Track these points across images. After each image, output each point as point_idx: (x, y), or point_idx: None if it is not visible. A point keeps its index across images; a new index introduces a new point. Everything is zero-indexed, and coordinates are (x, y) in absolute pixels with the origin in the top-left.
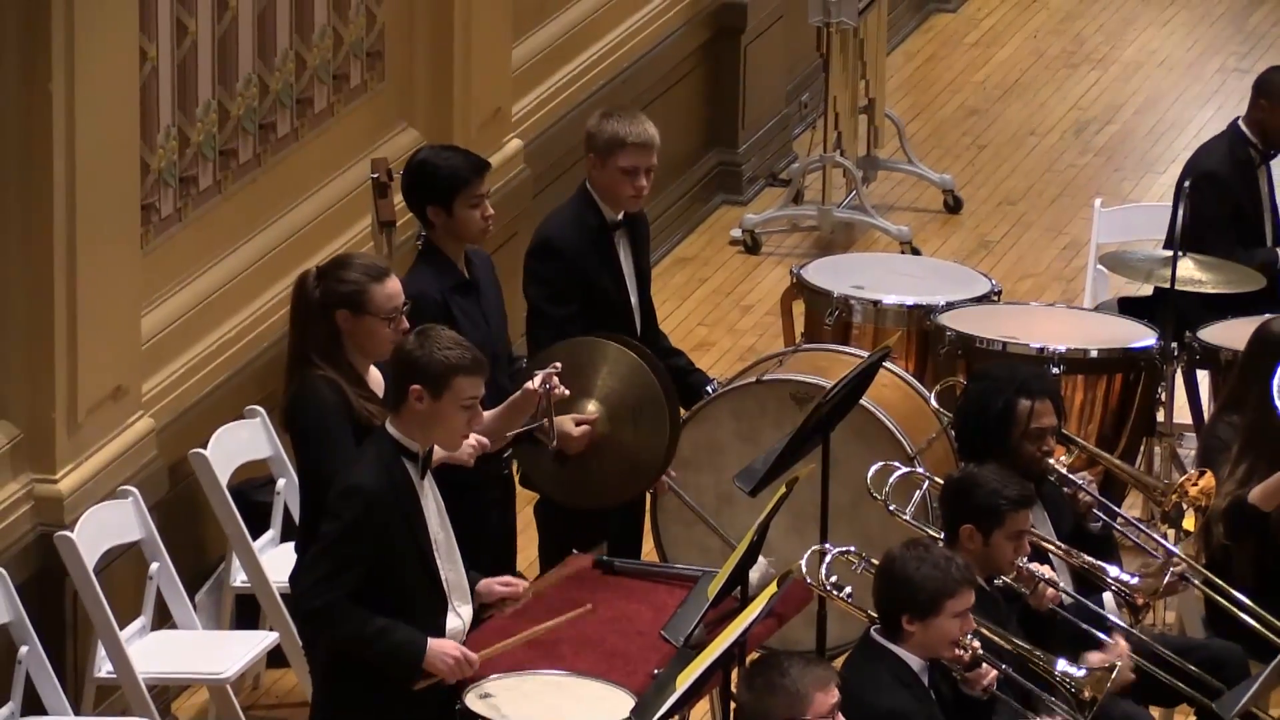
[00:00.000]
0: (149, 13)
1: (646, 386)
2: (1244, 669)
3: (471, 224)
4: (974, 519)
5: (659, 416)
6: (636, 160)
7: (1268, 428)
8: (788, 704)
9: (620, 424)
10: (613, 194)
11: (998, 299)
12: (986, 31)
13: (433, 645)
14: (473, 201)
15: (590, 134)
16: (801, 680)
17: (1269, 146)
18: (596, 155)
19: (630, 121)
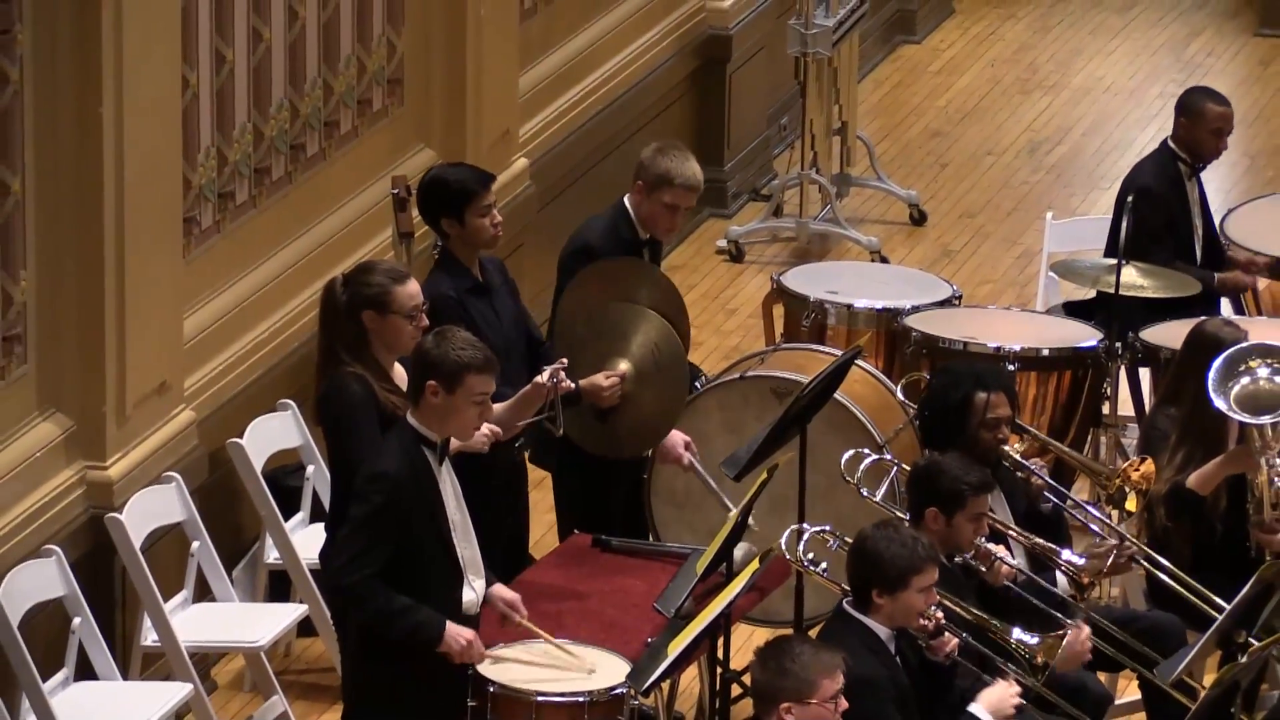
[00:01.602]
0: (190, 44)
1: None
2: (1181, 638)
3: (483, 231)
4: (938, 502)
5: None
6: (679, 200)
7: (1202, 419)
8: (796, 687)
9: (645, 385)
10: (651, 221)
11: (958, 303)
12: (948, 61)
13: (450, 629)
14: (482, 211)
15: (643, 164)
16: (811, 667)
17: (1196, 160)
18: (644, 184)
19: (682, 162)
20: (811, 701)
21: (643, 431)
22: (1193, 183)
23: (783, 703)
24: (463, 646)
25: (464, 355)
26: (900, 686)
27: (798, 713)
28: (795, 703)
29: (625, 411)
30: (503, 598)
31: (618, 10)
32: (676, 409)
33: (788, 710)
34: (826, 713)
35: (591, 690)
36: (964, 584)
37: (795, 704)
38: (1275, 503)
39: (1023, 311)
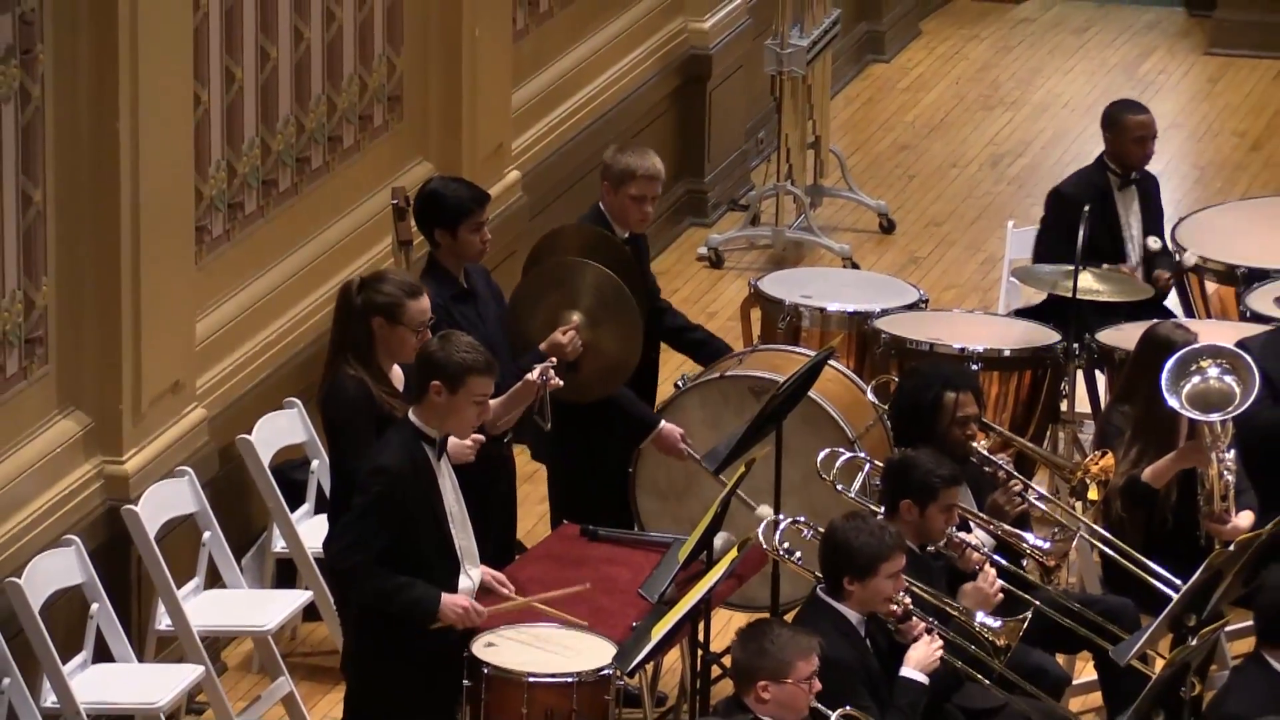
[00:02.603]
0: (201, 63)
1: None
2: (1136, 621)
3: (472, 247)
4: (912, 495)
5: (631, 317)
6: (644, 190)
7: (1156, 417)
8: (773, 667)
9: (599, 327)
10: (622, 217)
11: (925, 306)
12: (915, 79)
13: (445, 598)
14: (474, 227)
15: (606, 164)
16: (788, 648)
17: (1126, 170)
18: (610, 183)
19: (641, 156)
20: (787, 681)
21: (611, 371)
22: (1126, 192)
23: (760, 681)
24: (460, 613)
25: (467, 358)
26: (870, 669)
27: (774, 691)
28: (772, 681)
29: (589, 357)
30: (491, 574)
31: (605, 31)
32: (635, 341)
33: (764, 688)
34: (801, 693)
35: (580, 671)
36: (934, 571)
37: (772, 682)
38: (1224, 495)
39: (985, 314)
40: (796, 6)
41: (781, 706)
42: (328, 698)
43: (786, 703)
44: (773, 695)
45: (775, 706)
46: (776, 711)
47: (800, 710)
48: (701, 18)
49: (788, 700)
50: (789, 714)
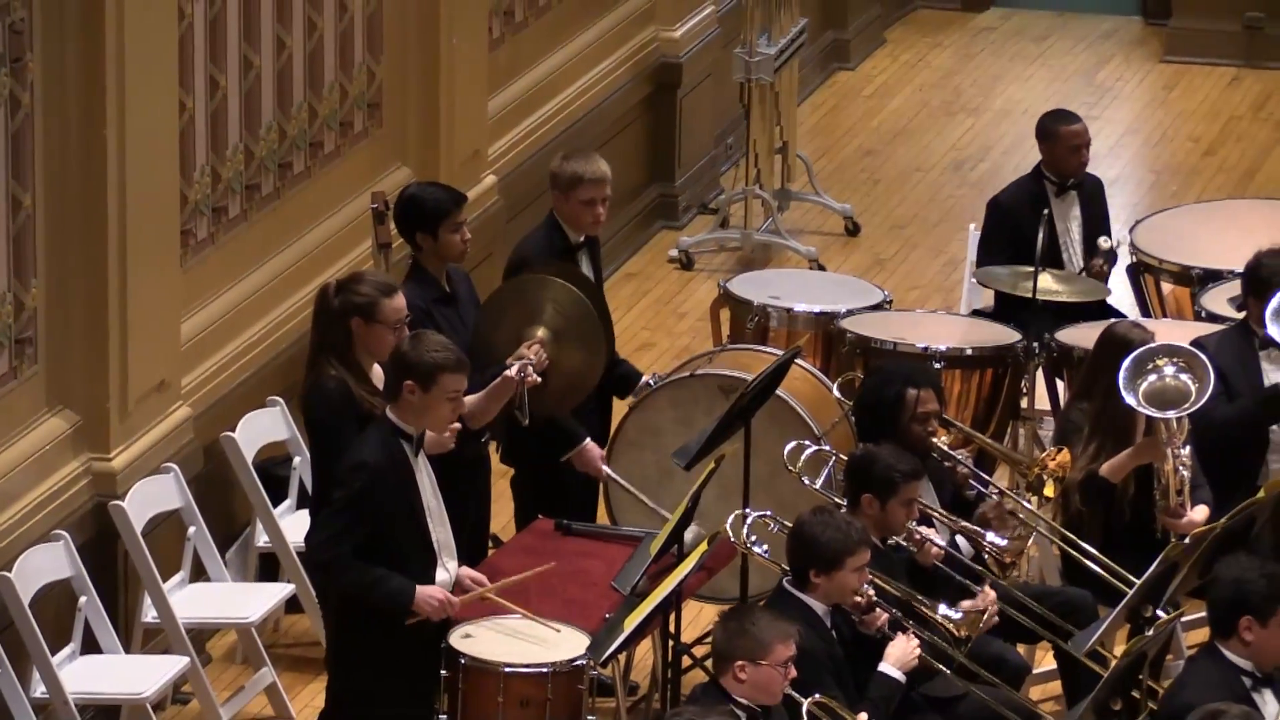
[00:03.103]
0: (186, 71)
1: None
2: (1094, 613)
3: (453, 246)
4: (873, 489)
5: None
6: (593, 194)
7: (1113, 414)
8: (752, 648)
9: (563, 344)
10: (575, 221)
11: (889, 307)
12: (880, 86)
13: (420, 590)
14: (453, 227)
15: (554, 173)
16: (768, 631)
17: (1062, 179)
18: (560, 191)
19: (587, 161)
20: (764, 663)
21: (573, 387)
22: (1064, 199)
23: (738, 661)
24: (435, 606)
25: (438, 356)
26: (836, 658)
27: (750, 672)
28: (749, 662)
29: (552, 373)
30: (469, 575)
31: (578, 40)
32: (599, 358)
33: (741, 669)
34: (777, 676)
35: (555, 661)
36: (896, 564)
37: (749, 663)
38: (1180, 489)
39: (948, 315)
40: (764, 16)
41: (757, 689)
42: (310, 688)
43: (762, 685)
44: (749, 677)
45: (751, 688)
46: (751, 694)
47: (774, 694)
48: (672, 27)
49: (764, 683)
50: (763, 696)
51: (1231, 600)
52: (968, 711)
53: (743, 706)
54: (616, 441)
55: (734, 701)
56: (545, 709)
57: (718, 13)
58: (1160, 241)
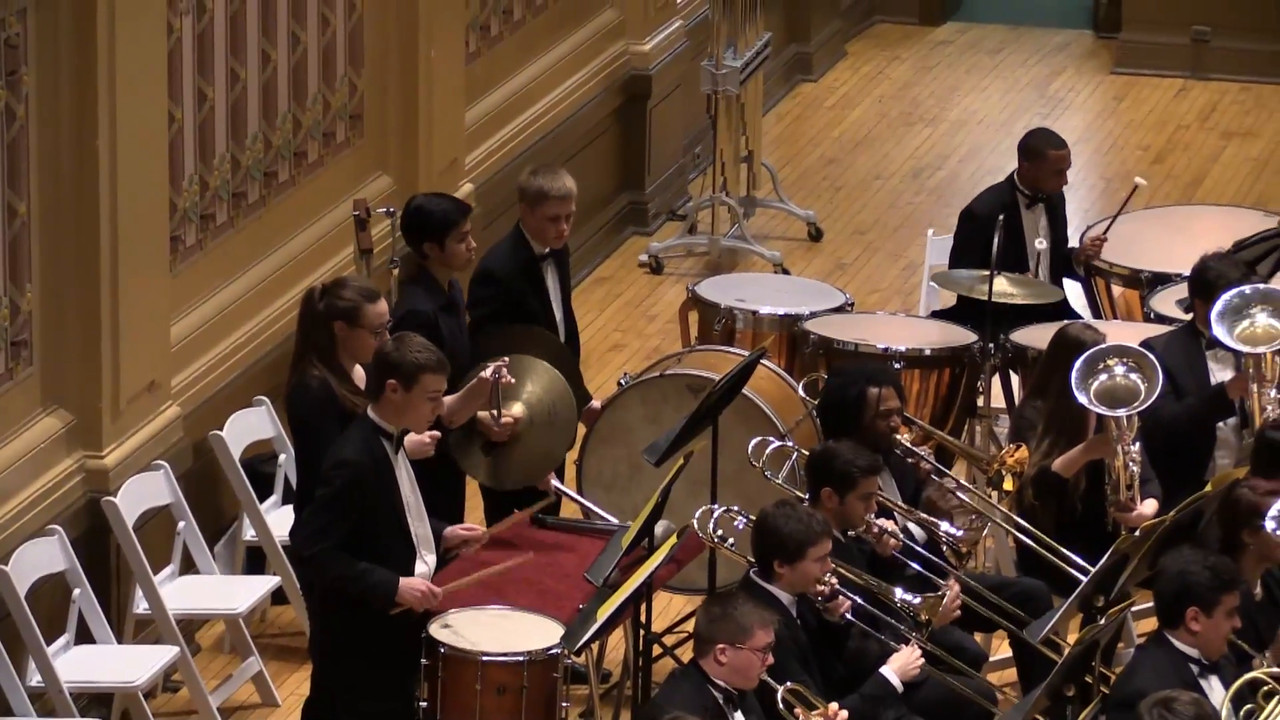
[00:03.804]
0: (175, 83)
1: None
2: (1048, 602)
3: (459, 256)
4: (832, 483)
5: (569, 425)
6: (558, 210)
7: (1066, 411)
8: (733, 631)
9: (539, 427)
10: (540, 235)
11: (851, 309)
12: (841, 97)
13: (404, 582)
14: (459, 237)
15: (521, 187)
16: (749, 616)
17: (1036, 192)
18: (527, 204)
19: (553, 178)
20: (743, 646)
21: (526, 469)
22: (1034, 210)
23: (719, 644)
24: (418, 597)
25: (420, 357)
26: (802, 645)
27: (730, 655)
28: (730, 645)
29: (513, 449)
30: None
31: (551, 53)
32: (559, 456)
33: (722, 652)
34: (755, 660)
35: (530, 650)
36: (856, 555)
37: (730, 647)
38: (1129, 484)
39: (907, 316)
40: (730, 30)
41: (735, 671)
42: (295, 676)
43: (741, 668)
44: (729, 660)
45: (730, 671)
46: (730, 676)
47: (752, 678)
48: (642, 41)
49: (742, 666)
50: (740, 679)
51: (1177, 592)
52: (929, 696)
53: (720, 688)
54: (589, 439)
55: (712, 683)
56: (521, 696)
57: (685, 27)
58: (1111, 246)
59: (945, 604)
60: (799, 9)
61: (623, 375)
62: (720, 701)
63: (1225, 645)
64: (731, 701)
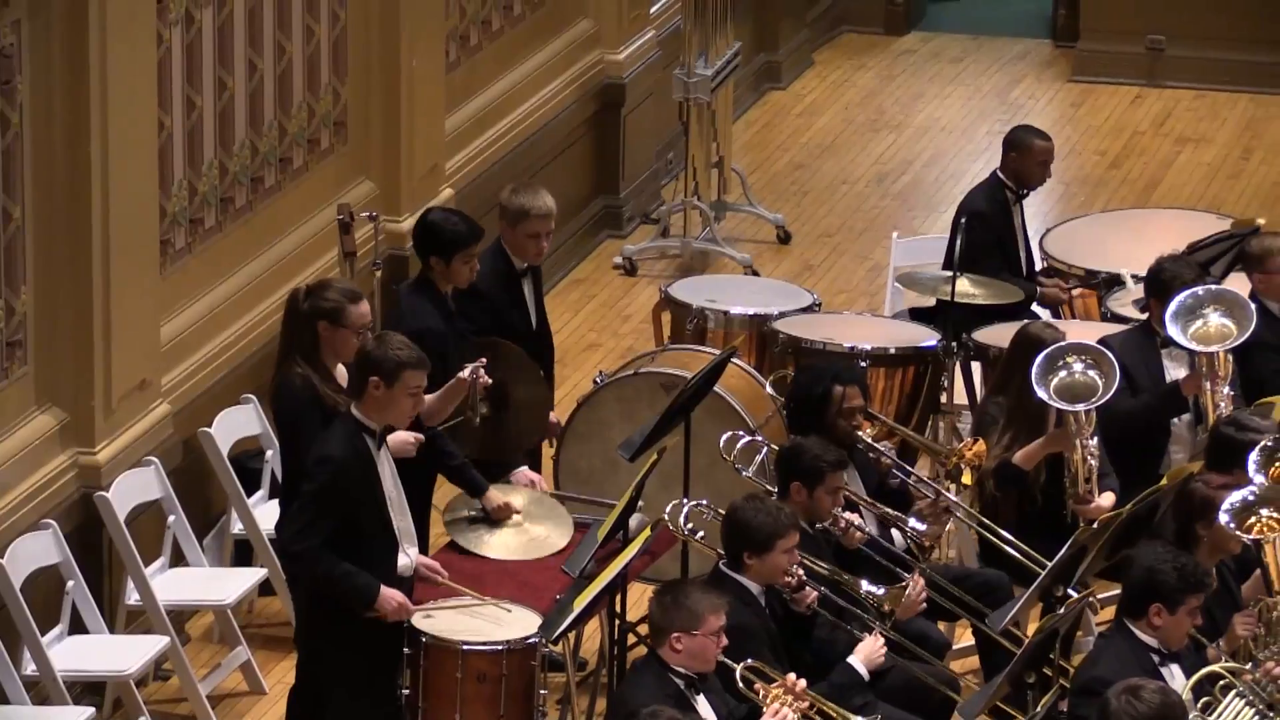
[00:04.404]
0: (165, 92)
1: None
2: (1009, 592)
3: (461, 275)
4: (801, 478)
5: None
6: (539, 228)
7: (1026, 407)
8: (686, 619)
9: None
10: (520, 251)
11: (819, 309)
12: (809, 104)
13: (384, 591)
14: (465, 259)
15: (503, 205)
16: (701, 603)
17: (1021, 188)
18: (508, 222)
19: (534, 196)
20: (698, 633)
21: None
22: (1017, 208)
23: (674, 633)
24: (394, 608)
25: (401, 354)
26: (771, 633)
27: (686, 642)
28: (684, 633)
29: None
30: (425, 564)
31: (529, 63)
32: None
33: (677, 640)
34: (710, 645)
35: (509, 639)
36: (823, 547)
37: (684, 634)
38: (1088, 478)
39: (873, 316)
40: (702, 40)
41: (693, 657)
42: (282, 665)
43: (697, 653)
44: (685, 646)
45: (687, 657)
46: (688, 662)
47: (709, 662)
48: (616, 50)
49: (698, 651)
50: (699, 664)
51: (1144, 586)
52: (894, 683)
53: (680, 674)
54: (566, 435)
55: (672, 670)
56: (501, 684)
57: (658, 37)
58: (1070, 248)
59: (911, 597)
60: (768, 19)
61: (598, 374)
62: (682, 688)
63: (1186, 638)
64: (693, 686)
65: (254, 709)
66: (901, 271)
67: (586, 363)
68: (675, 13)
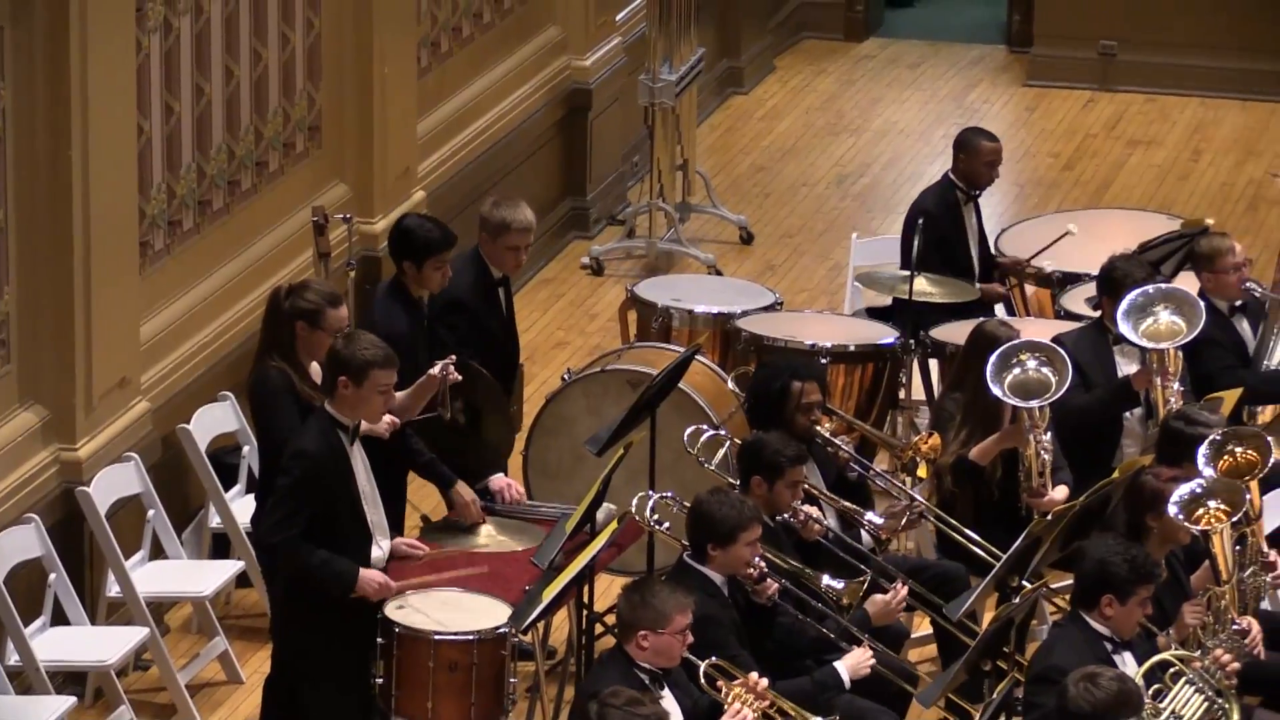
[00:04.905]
0: (144, 97)
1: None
2: (965, 583)
3: (432, 280)
4: (762, 472)
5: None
6: (519, 240)
7: (982, 403)
8: (653, 618)
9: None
10: (500, 262)
11: (780, 308)
12: (770, 109)
13: (363, 573)
14: (437, 265)
15: (484, 217)
16: (668, 602)
17: (971, 188)
18: (488, 234)
19: (515, 210)
20: (664, 631)
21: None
22: (969, 208)
23: (641, 631)
24: (375, 588)
25: (368, 354)
26: (735, 622)
27: (652, 640)
28: (651, 631)
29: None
30: (404, 541)
31: (498, 69)
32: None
33: (644, 638)
34: (676, 643)
35: (480, 630)
36: (784, 540)
37: (651, 632)
38: (1041, 472)
39: (833, 314)
40: (666, 46)
41: (658, 654)
42: (258, 655)
43: (663, 650)
44: (651, 644)
45: (653, 654)
46: (653, 659)
47: (674, 658)
48: (583, 56)
49: (664, 649)
50: (664, 660)
51: (1095, 578)
52: None
53: (645, 670)
54: (535, 430)
55: (637, 666)
56: (471, 672)
57: (624, 44)
58: (1024, 247)
59: (891, 605)
60: (730, 26)
61: (566, 371)
62: (647, 683)
63: (1137, 626)
64: (658, 680)
65: (231, 698)
66: (861, 271)
67: (555, 360)
68: (640, 20)
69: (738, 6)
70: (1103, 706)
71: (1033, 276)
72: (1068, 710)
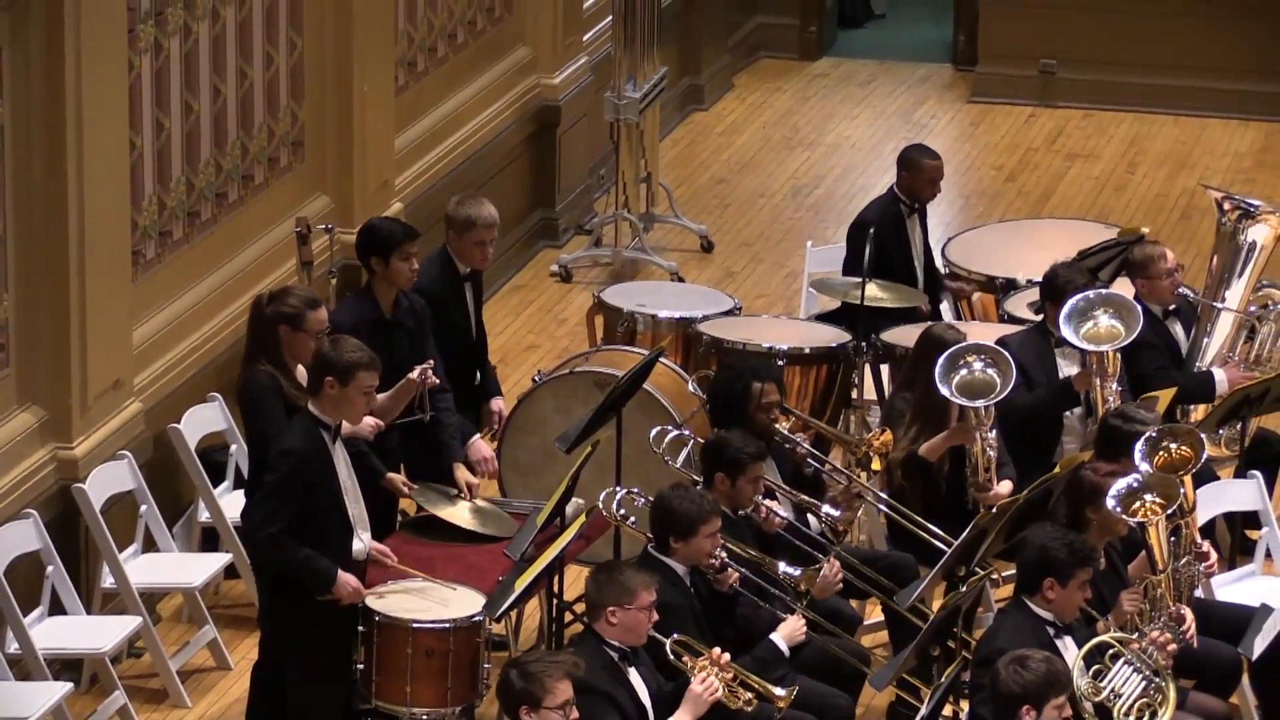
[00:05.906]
0: (136, 114)
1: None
2: (915, 572)
3: (401, 274)
4: (724, 468)
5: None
6: (484, 235)
7: (931, 402)
8: (619, 594)
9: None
10: (467, 257)
11: (739, 313)
12: (729, 124)
13: (341, 575)
14: (404, 256)
15: (449, 215)
16: (634, 579)
17: (914, 201)
18: (455, 231)
19: (479, 206)
20: (630, 607)
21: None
22: (913, 220)
23: (609, 607)
24: (349, 593)
25: (354, 356)
26: (694, 611)
27: (620, 616)
28: (618, 607)
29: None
30: (376, 549)
31: (472, 87)
32: None
33: (612, 614)
34: (643, 619)
35: (455, 618)
36: (744, 532)
37: (618, 608)
38: (987, 467)
39: (789, 319)
40: (630, 65)
41: (626, 630)
42: (246, 643)
43: (631, 626)
44: (619, 620)
45: (621, 630)
46: (621, 635)
47: (641, 635)
48: (551, 75)
49: (632, 624)
50: (631, 637)
51: (1037, 563)
52: (809, 656)
53: (614, 648)
54: (507, 429)
55: (606, 643)
56: (448, 659)
57: (590, 63)
58: (969, 255)
59: (827, 577)
60: (691, 45)
61: (536, 373)
62: (616, 660)
63: (1078, 611)
64: (626, 659)
65: (220, 683)
66: (815, 278)
67: (525, 363)
68: (606, 40)
69: (698, 27)
70: (1032, 687)
71: (978, 283)
72: (999, 692)
